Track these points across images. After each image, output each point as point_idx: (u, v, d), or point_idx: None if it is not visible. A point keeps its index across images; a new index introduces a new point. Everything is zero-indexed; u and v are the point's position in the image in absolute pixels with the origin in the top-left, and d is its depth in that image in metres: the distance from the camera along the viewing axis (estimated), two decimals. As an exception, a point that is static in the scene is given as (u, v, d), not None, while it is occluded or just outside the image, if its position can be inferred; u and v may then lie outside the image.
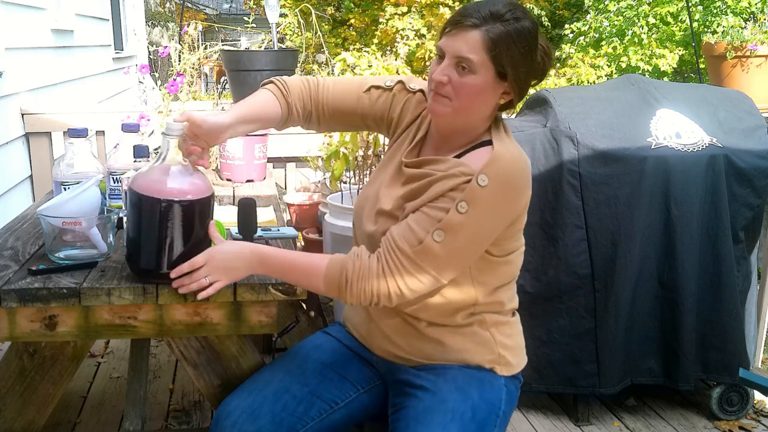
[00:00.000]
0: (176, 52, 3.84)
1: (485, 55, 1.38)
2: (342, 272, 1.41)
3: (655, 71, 8.19)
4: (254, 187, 2.55)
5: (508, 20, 1.38)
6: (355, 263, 1.41)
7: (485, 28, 1.37)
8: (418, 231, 1.39)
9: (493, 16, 1.37)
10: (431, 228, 1.38)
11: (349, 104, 1.60)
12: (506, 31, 1.37)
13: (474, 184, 1.37)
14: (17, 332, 1.48)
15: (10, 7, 3.70)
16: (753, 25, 3.71)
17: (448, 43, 1.41)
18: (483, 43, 1.37)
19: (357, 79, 1.65)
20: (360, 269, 1.40)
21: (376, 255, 1.41)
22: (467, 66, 1.38)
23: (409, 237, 1.39)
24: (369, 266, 1.40)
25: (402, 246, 1.39)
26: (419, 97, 1.58)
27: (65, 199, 1.62)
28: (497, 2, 1.39)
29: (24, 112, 3.55)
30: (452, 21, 1.41)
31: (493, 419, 1.50)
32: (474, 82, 1.39)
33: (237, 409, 1.47)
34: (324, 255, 1.47)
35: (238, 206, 1.69)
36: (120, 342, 3.10)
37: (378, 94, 1.59)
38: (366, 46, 7.46)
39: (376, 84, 1.61)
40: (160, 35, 12.23)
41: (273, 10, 3.58)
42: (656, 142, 2.38)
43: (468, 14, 1.39)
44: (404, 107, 1.58)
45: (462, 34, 1.38)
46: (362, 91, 1.60)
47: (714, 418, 2.59)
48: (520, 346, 1.62)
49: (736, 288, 2.50)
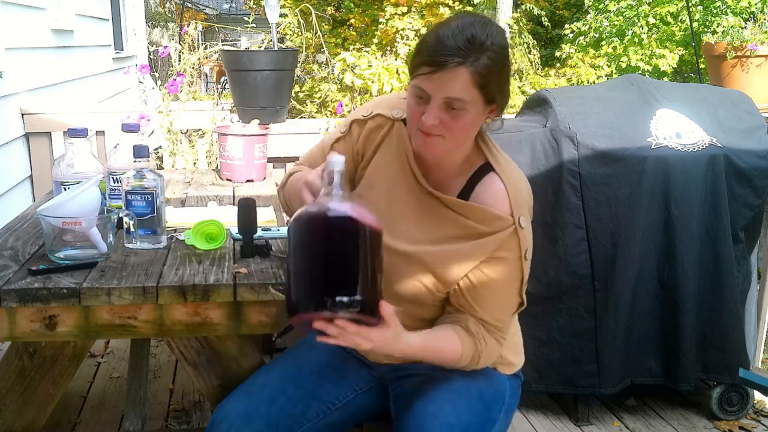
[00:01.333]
0: (176, 52, 3.84)
1: (475, 91, 1.33)
2: (474, 357, 1.45)
3: (655, 71, 8.20)
4: (254, 187, 2.54)
5: (487, 46, 1.32)
6: (483, 350, 1.45)
7: (470, 62, 1.30)
8: (513, 298, 1.48)
9: (472, 44, 1.31)
10: (518, 290, 1.47)
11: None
12: (491, 60, 1.32)
13: (519, 230, 1.42)
14: (17, 332, 1.48)
15: (10, 7, 3.70)
16: (753, 25, 3.71)
17: (433, 87, 1.33)
18: (472, 79, 1.32)
19: (317, 148, 1.63)
20: (489, 355, 1.47)
21: (494, 338, 1.46)
22: (458, 105, 1.33)
23: (509, 308, 1.49)
24: (492, 350, 1.47)
25: (506, 318, 1.49)
26: (379, 121, 1.53)
27: (65, 199, 1.62)
28: (468, 25, 1.32)
29: (24, 112, 3.55)
30: (431, 62, 1.32)
31: (499, 404, 1.51)
32: (466, 118, 1.36)
33: (233, 412, 1.47)
34: (457, 344, 1.43)
35: (238, 206, 1.68)
36: (120, 342, 3.10)
37: (340, 146, 1.56)
38: (366, 46, 7.45)
39: (335, 138, 1.57)
40: (160, 35, 12.23)
41: (273, 10, 3.59)
42: (656, 142, 2.38)
43: (447, 53, 1.30)
44: (368, 137, 1.54)
45: (448, 75, 1.31)
46: (327, 154, 1.53)
47: (714, 418, 2.59)
48: (519, 345, 1.64)
49: (736, 288, 2.50)
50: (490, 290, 1.44)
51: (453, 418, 1.41)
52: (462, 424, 1.41)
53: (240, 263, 1.63)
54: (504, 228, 1.41)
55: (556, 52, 9.49)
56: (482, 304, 1.44)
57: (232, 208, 2.08)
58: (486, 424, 1.46)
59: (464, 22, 1.34)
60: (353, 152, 1.55)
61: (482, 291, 1.44)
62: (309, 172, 1.44)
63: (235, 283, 1.50)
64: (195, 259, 1.65)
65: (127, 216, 1.69)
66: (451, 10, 8.69)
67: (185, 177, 2.69)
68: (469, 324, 1.44)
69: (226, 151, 2.59)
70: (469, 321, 1.45)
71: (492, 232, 1.41)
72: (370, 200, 1.50)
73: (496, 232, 1.41)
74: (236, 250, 1.72)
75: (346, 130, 1.56)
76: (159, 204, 1.72)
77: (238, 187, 2.52)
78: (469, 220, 1.43)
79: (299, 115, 7.51)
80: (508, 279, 1.45)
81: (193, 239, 1.71)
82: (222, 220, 1.76)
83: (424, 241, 1.45)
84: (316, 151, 1.64)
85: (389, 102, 1.55)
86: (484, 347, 1.44)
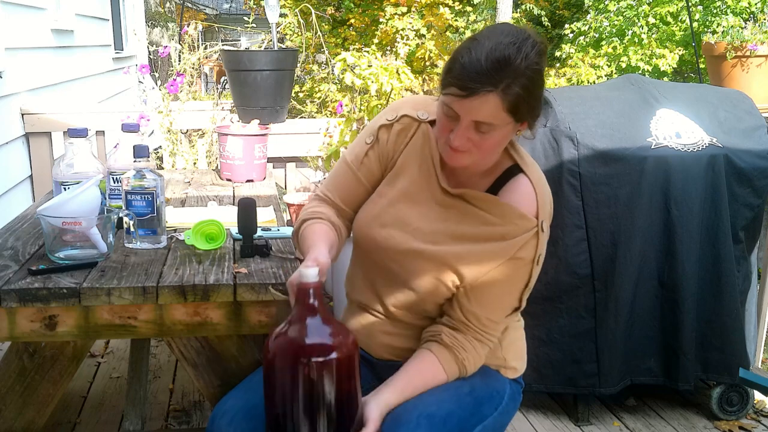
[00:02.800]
0: (176, 52, 3.85)
1: (505, 114, 1.32)
2: (461, 369, 1.46)
3: (655, 71, 8.20)
4: (254, 187, 2.54)
5: (520, 71, 1.29)
6: (466, 357, 1.45)
7: (501, 87, 1.28)
8: (512, 300, 1.47)
9: (505, 69, 1.28)
10: (520, 292, 1.47)
11: (361, 192, 1.55)
12: (523, 88, 1.30)
13: (541, 233, 1.43)
14: (17, 332, 1.48)
15: (10, 7, 3.70)
16: (753, 25, 3.70)
17: (462, 108, 1.32)
18: (502, 106, 1.30)
19: (344, 169, 1.56)
20: (475, 358, 1.47)
21: (476, 338, 1.45)
22: (486, 128, 1.33)
23: (506, 308, 1.48)
24: (477, 353, 1.46)
25: (499, 319, 1.48)
26: (405, 122, 1.51)
27: (65, 199, 1.62)
28: (501, 46, 1.29)
29: (24, 112, 3.55)
30: (461, 86, 1.30)
31: (494, 403, 1.50)
32: (496, 137, 1.36)
33: (233, 407, 1.47)
34: (437, 368, 1.44)
35: (238, 206, 1.68)
36: (120, 342, 3.10)
37: (371, 157, 1.53)
38: (366, 46, 7.45)
39: (365, 151, 1.53)
40: (160, 35, 12.22)
41: (273, 10, 3.59)
42: (656, 142, 2.38)
43: (479, 80, 1.28)
44: (396, 140, 1.52)
45: (477, 101, 1.29)
46: (357, 170, 1.54)
47: (714, 418, 2.59)
48: (522, 351, 1.64)
49: (736, 288, 2.50)
50: (492, 288, 1.44)
51: (434, 408, 1.39)
52: (443, 414, 1.39)
53: (240, 263, 1.63)
54: (527, 229, 1.41)
55: (556, 52, 9.49)
56: (480, 299, 1.44)
57: (232, 208, 2.08)
58: (472, 418, 1.44)
59: (498, 41, 1.30)
60: (382, 158, 1.53)
61: (485, 288, 1.44)
62: (316, 247, 1.40)
63: (235, 283, 1.50)
64: (195, 259, 1.65)
65: (127, 216, 1.69)
66: (451, 10, 8.69)
67: (185, 177, 2.69)
68: (443, 337, 1.45)
69: (226, 151, 2.59)
70: (444, 332, 1.45)
71: (514, 233, 1.41)
72: (390, 199, 1.50)
73: (519, 233, 1.41)
74: (236, 250, 1.73)
75: (374, 139, 1.53)
76: (159, 204, 1.72)
77: (238, 187, 2.52)
78: (493, 216, 1.42)
79: (299, 115, 7.51)
80: (514, 280, 1.45)
81: (193, 239, 1.71)
82: (222, 220, 1.76)
83: (446, 240, 1.45)
84: (344, 176, 1.56)
85: (413, 103, 1.53)
86: (466, 354, 1.45)
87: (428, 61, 8.75)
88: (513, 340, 1.58)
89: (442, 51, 8.50)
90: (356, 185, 1.55)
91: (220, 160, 2.67)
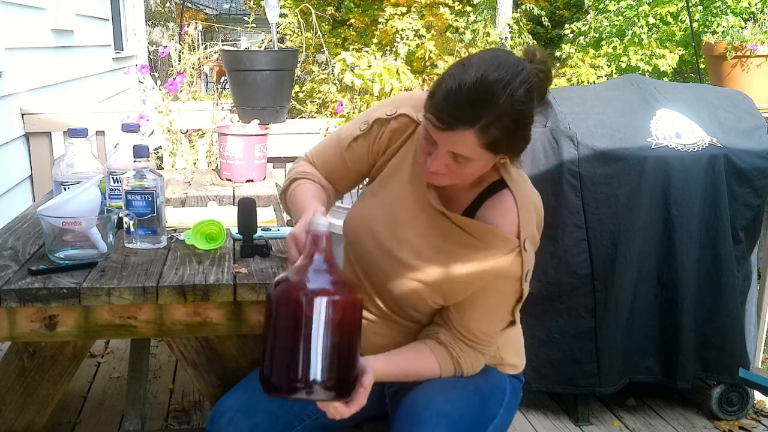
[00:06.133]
0: (176, 52, 3.85)
1: (482, 150, 1.29)
2: (457, 367, 1.46)
3: (655, 71, 8.20)
4: (254, 187, 2.54)
5: (503, 110, 1.24)
6: (461, 356, 1.45)
7: (479, 126, 1.24)
8: (505, 316, 1.47)
9: (484, 104, 1.23)
10: (511, 308, 1.46)
11: (344, 172, 1.58)
12: (503, 127, 1.25)
13: (523, 252, 1.40)
14: (17, 332, 1.48)
15: (10, 7, 3.70)
16: (753, 25, 3.71)
17: (439, 138, 1.29)
18: (479, 143, 1.27)
19: (332, 145, 1.57)
20: (472, 361, 1.47)
21: (473, 348, 1.46)
22: (462, 160, 1.31)
23: (498, 323, 1.47)
24: (474, 358, 1.46)
25: (493, 333, 1.47)
26: (403, 121, 1.50)
27: (65, 199, 1.62)
28: (486, 79, 1.23)
29: (24, 112, 3.55)
30: (439, 118, 1.27)
31: (499, 399, 1.50)
32: (473, 167, 1.34)
33: (233, 406, 1.47)
34: (432, 359, 1.44)
35: (238, 206, 1.68)
36: (120, 342, 3.10)
37: (359, 144, 1.54)
38: (366, 46, 7.45)
39: (355, 136, 1.53)
40: (160, 35, 12.23)
41: (273, 10, 3.59)
42: (656, 142, 2.38)
43: (456, 115, 1.24)
44: (390, 138, 1.52)
45: (455, 135, 1.27)
46: (345, 151, 1.55)
47: (714, 418, 2.59)
48: (520, 347, 1.64)
49: (736, 288, 2.50)
50: (482, 307, 1.44)
51: (447, 406, 1.40)
52: (456, 413, 1.39)
53: (240, 263, 1.63)
54: (510, 249, 1.39)
55: (556, 52, 9.48)
56: (472, 316, 1.44)
57: (232, 208, 2.08)
58: (482, 418, 1.44)
59: (485, 74, 1.24)
60: (371, 151, 1.54)
61: (475, 308, 1.44)
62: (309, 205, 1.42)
63: (235, 283, 1.50)
64: (195, 259, 1.65)
65: (127, 216, 1.69)
66: (450, 10, 8.69)
67: (185, 177, 2.69)
68: (439, 336, 1.45)
69: (226, 151, 2.59)
70: (441, 332, 1.46)
71: (497, 255, 1.39)
72: (383, 201, 1.50)
73: (501, 255, 1.39)
74: (236, 250, 1.73)
75: (367, 128, 1.53)
76: (159, 204, 1.72)
77: (238, 187, 2.52)
78: (475, 239, 1.41)
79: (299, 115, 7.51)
80: (503, 297, 1.44)
81: (193, 239, 1.71)
82: (222, 220, 1.76)
83: (429, 255, 1.44)
84: (332, 151, 1.58)
85: (415, 101, 1.50)
86: (461, 353, 1.45)
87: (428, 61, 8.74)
88: (510, 337, 1.58)
89: (442, 51, 8.50)
90: (341, 164, 1.57)
91: (220, 160, 2.67)
